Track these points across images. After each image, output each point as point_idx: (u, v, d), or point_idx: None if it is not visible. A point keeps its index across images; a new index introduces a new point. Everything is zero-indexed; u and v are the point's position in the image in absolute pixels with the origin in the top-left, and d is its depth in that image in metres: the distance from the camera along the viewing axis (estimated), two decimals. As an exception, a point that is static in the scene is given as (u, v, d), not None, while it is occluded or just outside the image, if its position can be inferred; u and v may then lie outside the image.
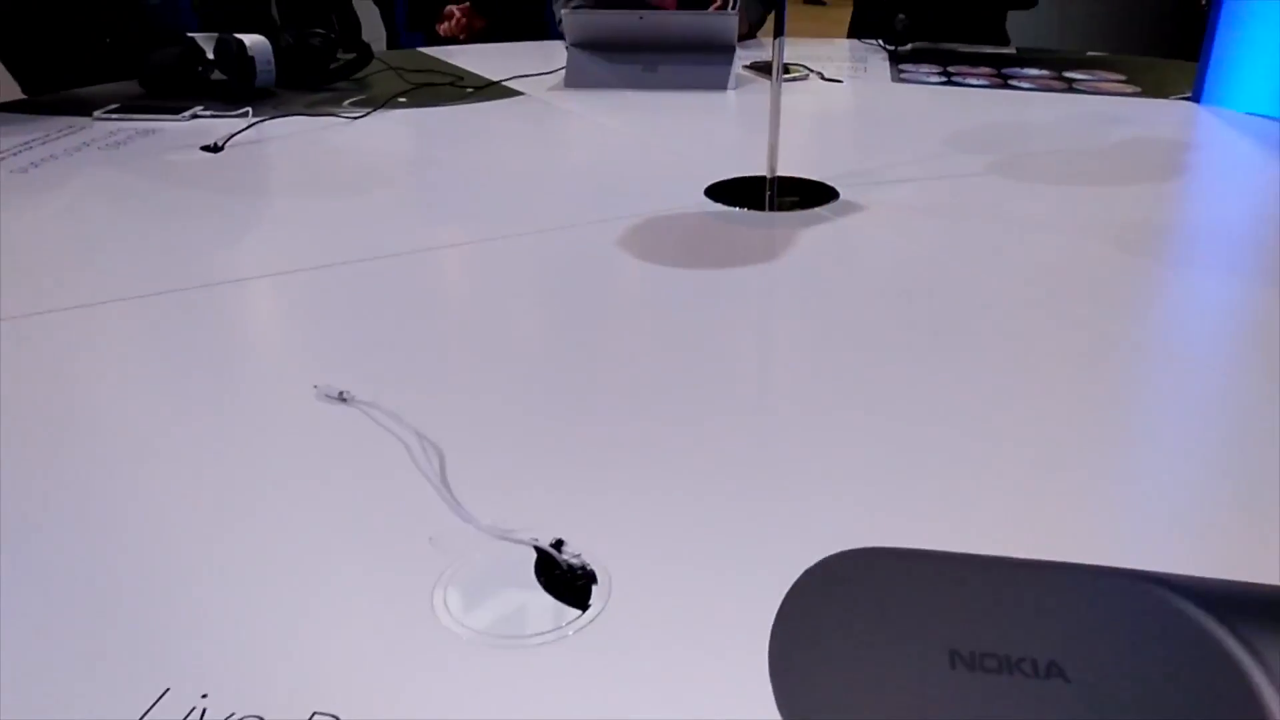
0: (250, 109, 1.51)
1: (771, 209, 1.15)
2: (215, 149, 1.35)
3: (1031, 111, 1.64)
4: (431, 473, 0.61)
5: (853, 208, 1.14)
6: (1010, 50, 2.11)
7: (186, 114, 1.52)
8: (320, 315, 0.87)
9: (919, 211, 1.14)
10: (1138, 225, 1.11)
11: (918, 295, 0.91)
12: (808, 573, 0.50)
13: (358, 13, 6.17)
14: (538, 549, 0.53)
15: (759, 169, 1.19)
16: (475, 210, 1.16)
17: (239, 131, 1.40)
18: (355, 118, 1.54)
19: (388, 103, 1.62)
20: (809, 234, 1.06)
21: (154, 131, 1.46)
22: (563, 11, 1.80)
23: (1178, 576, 0.48)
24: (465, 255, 1.02)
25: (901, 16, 2.04)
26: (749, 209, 1.15)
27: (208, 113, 1.54)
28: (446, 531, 0.55)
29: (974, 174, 1.29)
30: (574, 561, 0.52)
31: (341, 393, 0.71)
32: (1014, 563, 0.51)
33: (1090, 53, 2.12)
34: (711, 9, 2.16)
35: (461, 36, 2.44)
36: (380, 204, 1.20)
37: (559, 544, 0.54)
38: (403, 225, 1.12)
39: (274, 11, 5.22)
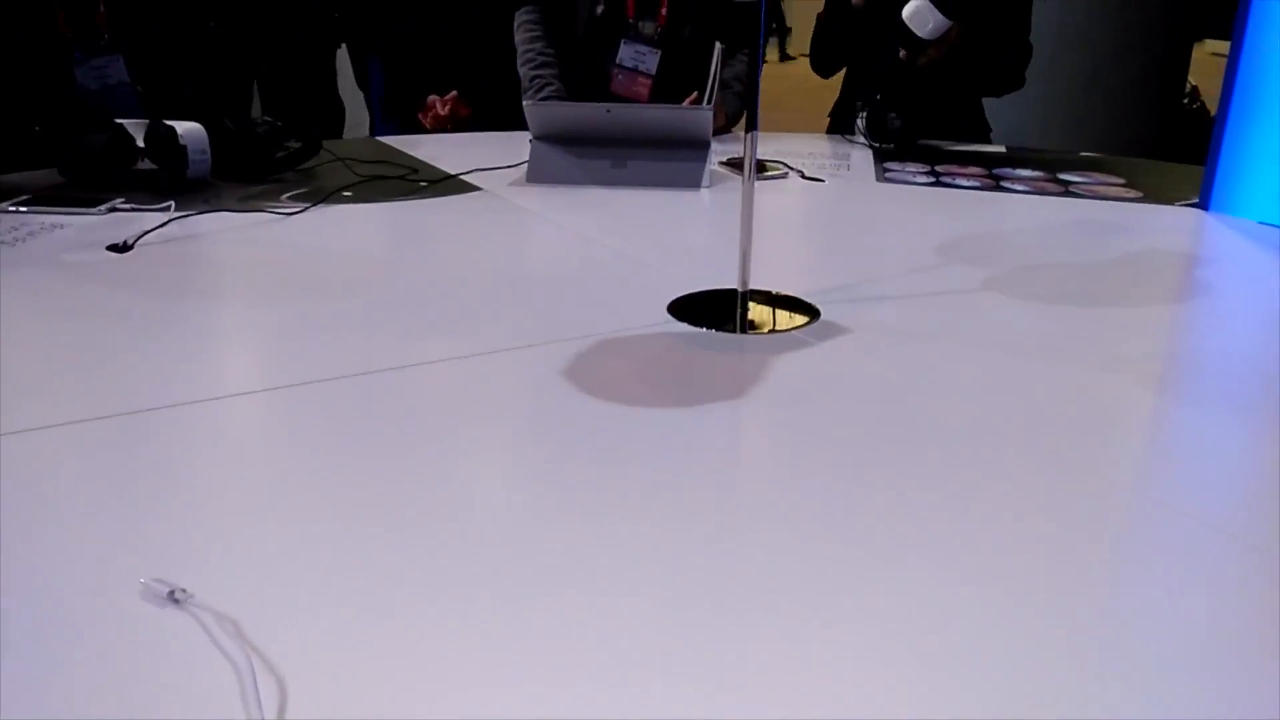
0: (173, 203, 1.37)
1: (742, 330, 1.01)
2: (123, 248, 1.21)
3: (1027, 217, 1.53)
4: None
5: (835, 330, 1.00)
6: (1000, 149, 2.01)
7: (103, 207, 1.38)
8: (175, 465, 0.71)
9: (909, 336, 1.00)
10: (1148, 356, 0.98)
11: (906, 443, 0.76)
12: None
13: (343, 100, 6.13)
14: None
15: (731, 279, 1.05)
16: (404, 328, 1.01)
17: (152, 229, 1.26)
18: (290, 213, 1.40)
19: (330, 197, 1.49)
20: (784, 364, 0.92)
21: (62, 226, 1.32)
22: (526, 103, 1.69)
23: None
24: (378, 388, 0.86)
25: (894, 115, 1.94)
26: (717, 330, 1.00)
27: (127, 206, 1.40)
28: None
29: (969, 290, 1.15)
30: None
31: (173, 591, 0.55)
32: None
33: (1084, 153, 2.03)
34: (686, 102, 2.06)
35: (448, 128, 2.32)
36: (293, 319, 1.05)
37: None
38: (310, 347, 0.96)
39: (256, 96, 5.16)
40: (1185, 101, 4.29)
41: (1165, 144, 4.00)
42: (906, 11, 1.80)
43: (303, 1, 4.97)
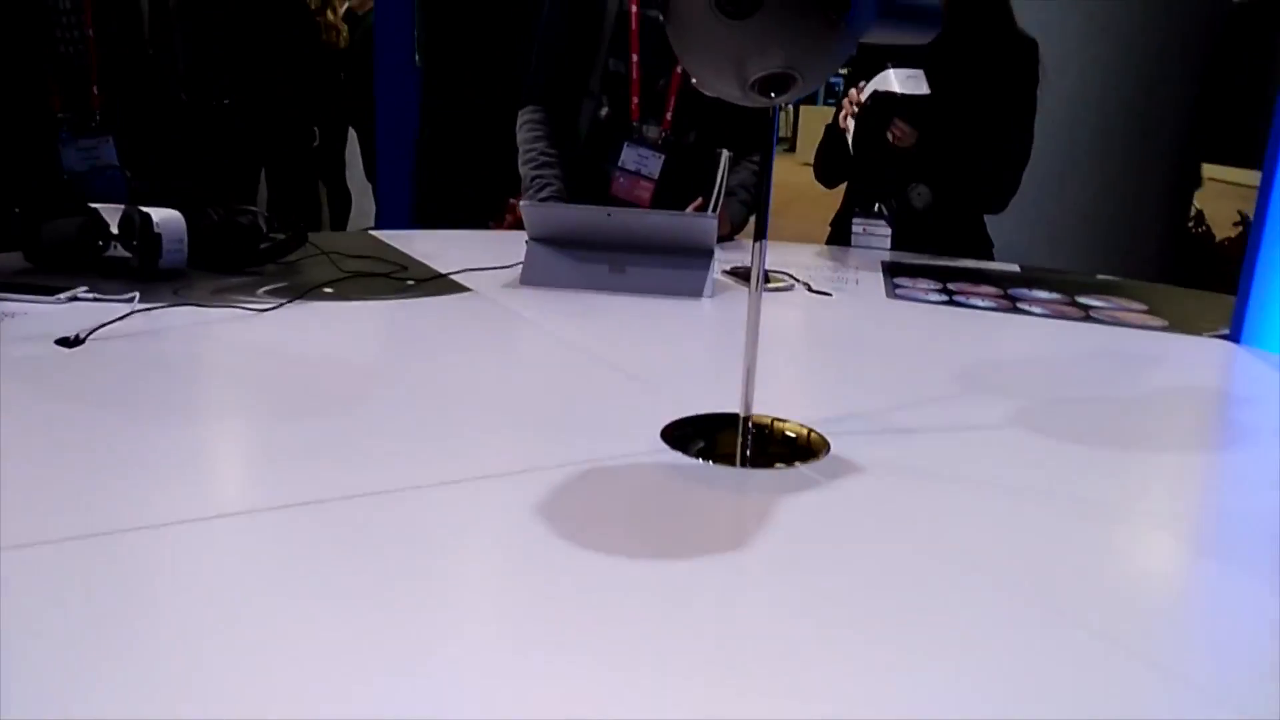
0: (138, 294, 1.29)
1: (744, 464, 0.90)
2: (73, 342, 1.11)
3: (1047, 343, 1.44)
4: None
5: (846, 467, 0.90)
6: (1014, 268, 1.95)
7: (64, 296, 1.30)
8: (108, 599, 0.60)
9: (925, 477, 0.90)
10: (1182, 513, 0.88)
11: (917, 605, 0.65)
12: None
13: (351, 191, 6.14)
14: None
15: (733, 401, 0.96)
16: (373, 449, 0.91)
17: (108, 323, 1.17)
18: (264, 309, 1.31)
19: (309, 292, 1.41)
20: (789, 507, 0.81)
21: (15, 315, 1.23)
22: (523, 203, 1.62)
23: None
24: (334, 518, 0.75)
25: (915, 185, 1.89)
26: (715, 462, 0.90)
27: (89, 295, 1.31)
28: None
29: (990, 426, 1.05)
30: None
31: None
32: None
33: (1100, 275, 1.96)
34: (690, 209, 2.01)
35: None
36: (251, 435, 0.95)
37: None
38: (267, 469, 0.86)
39: (262, 182, 5.15)
40: (1191, 225, 4.29)
41: (1173, 268, 3.97)
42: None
43: (317, 89, 5.04)
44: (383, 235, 1.92)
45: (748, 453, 0.91)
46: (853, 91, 1.94)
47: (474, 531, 0.76)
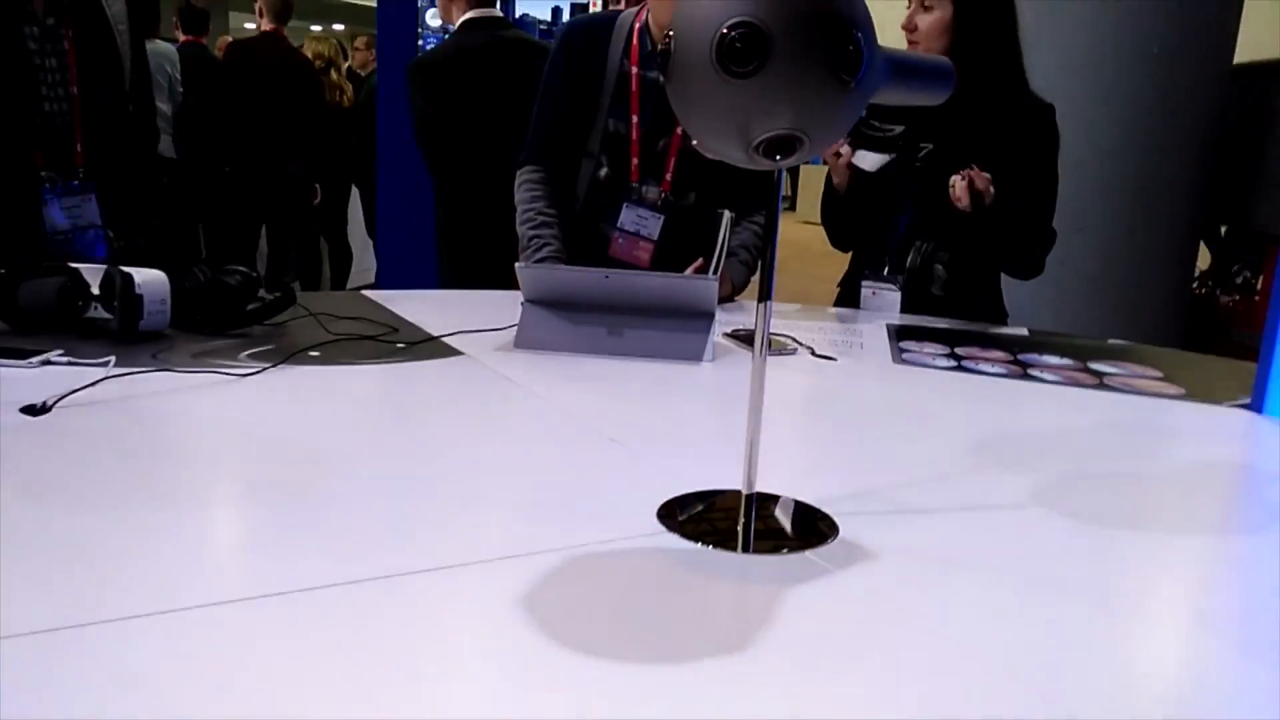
0: (114, 358, 1.23)
1: (746, 548, 0.84)
2: (39, 410, 1.06)
3: (1062, 412, 1.38)
4: None
5: (857, 553, 0.83)
6: (1022, 331, 1.90)
7: (36, 359, 1.24)
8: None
9: (943, 566, 0.84)
10: (1219, 611, 0.81)
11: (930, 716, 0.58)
12: None
13: (352, 248, 6.12)
14: None
15: (734, 475, 0.90)
16: (349, 531, 0.84)
17: (79, 389, 1.11)
18: (245, 374, 1.26)
19: (294, 356, 1.35)
20: (796, 599, 0.75)
21: (-17, 380, 1.17)
22: (518, 265, 1.58)
23: None
24: (301, 611, 0.69)
25: (940, 268, 1.85)
26: (716, 546, 0.84)
27: (64, 359, 1.26)
28: None
29: (1006, 506, 0.99)
30: None
31: None
32: None
33: (1111, 340, 1.91)
34: (690, 270, 1.97)
35: None
36: (223, 514, 0.89)
37: None
38: (232, 557, 0.80)
39: (262, 239, 5.12)
40: (1195, 286, 4.26)
41: (1179, 329, 3.93)
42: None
43: (320, 148, 5.05)
44: (376, 295, 1.88)
45: (751, 536, 0.85)
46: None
47: (457, 627, 0.70)
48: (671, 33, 0.73)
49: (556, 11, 4.31)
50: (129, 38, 1.84)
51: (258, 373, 1.28)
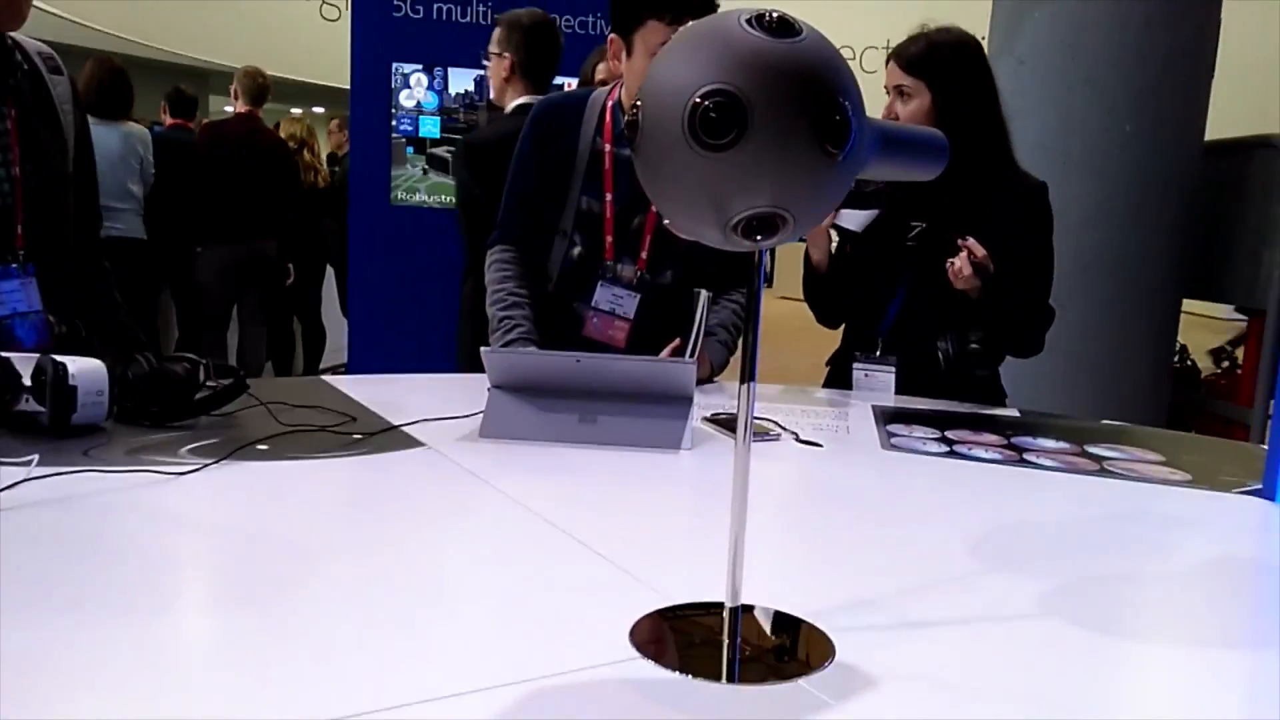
0: (38, 456, 1.13)
1: (731, 677, 0.74)
2: (-56, 519, 0.95)
3: (1064, 503, 1.29)
4: None
5: (857, 680, 0.74)
6: (1013, 413, 1.82)
7: (-48, 459, 1.14)
8: None
9: (951, 693, 0.74)
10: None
11: None
12: None
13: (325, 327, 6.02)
14: None
15: (715, 582, 0.80)
16: (273, 653, 0.74)
17: (-10, 494, 1.01)
18: (182, 472, 1.16)
19: (239, 450, 1.25)
20: (792, 744, 0.65)
21: (-111, 483, 1.06)
22: (484, 349, 1.50)
23: None
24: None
25: (974, 345, 1.77)
26: (695, 675, 0.74)
27: (-17, 458, 1.15)
28: None
29: (1015, 616, 0.90)
30: None
31: None
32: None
33: (1105, 421, 1.84)
34: (666, 350, 1.89)
35: None
36: (148, 635, 0.78)
37: None
38: (159, 684, 0.69)
39: (237, 325, 5.00)
40: (1175, 361, 4.23)
41: (1162, 404, 3.89)
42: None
43: (293, 229, 4.99)
44: (336, 380, 1.78)
45: (736, 662, 0.75)
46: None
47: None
48: (639, 102, 0.66)
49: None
50: (74, 118, 1.77)
51: (197, 470, 1.17)
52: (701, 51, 0.63)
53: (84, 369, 1.30)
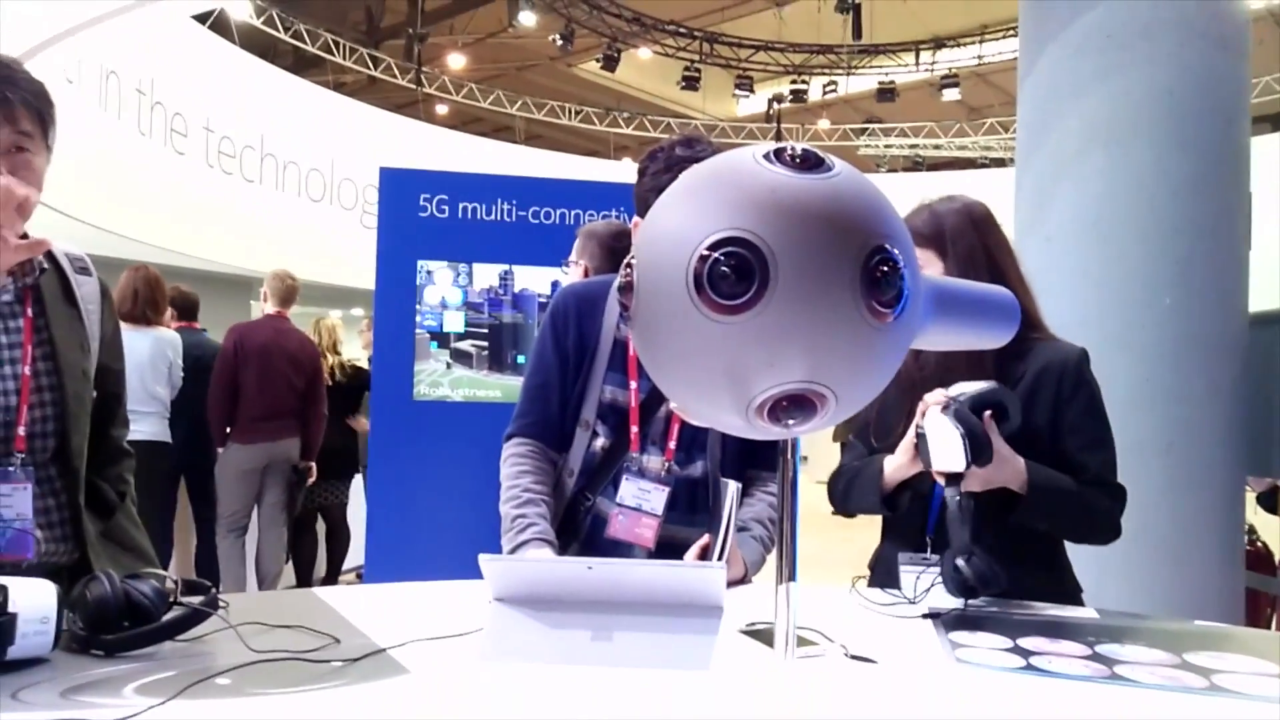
0: (-47, 700, 0.96)
1: None
2: None
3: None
4: None
5: None
6: (1092, 614, 1.60)
7: None
8: None
9: None
10: None
11: None
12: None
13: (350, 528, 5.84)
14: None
15: None
16: None
17: None
18: (121, 719, 0.98)
19: (195, 685, 1.07)
20: None
21: None
22: (481, 558, 1.33)
23: None
24: None
25: (964, 562, 1.54)
26: None
27: (-111, 705, 0.98)
28: None
29: None
30: None
31: None
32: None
33: (1198, 622, 1.60)
34: (695, 548, 1.71)
35: None
36: None
37: None
38: None
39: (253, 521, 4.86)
40: (1246, 542, 3.94)
41: (1237, 592, 3.57)
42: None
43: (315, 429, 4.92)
44: (325, 594, 1.60)
45: None
46: (928, 397, 1.64)
47: None
48: (633, 259, 0.53)
49: (554, 286, 4.33)
50: (102, 317, 1.71)
51: (139, 714, 0.99)
52: (709, 193, 0.50)
53: (28, 593, 1.14)
